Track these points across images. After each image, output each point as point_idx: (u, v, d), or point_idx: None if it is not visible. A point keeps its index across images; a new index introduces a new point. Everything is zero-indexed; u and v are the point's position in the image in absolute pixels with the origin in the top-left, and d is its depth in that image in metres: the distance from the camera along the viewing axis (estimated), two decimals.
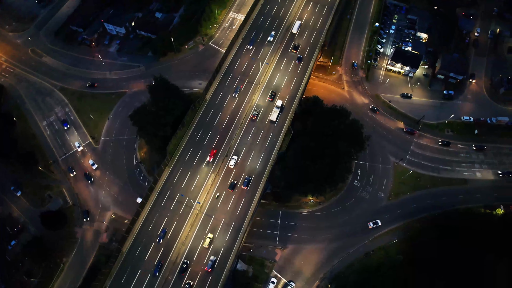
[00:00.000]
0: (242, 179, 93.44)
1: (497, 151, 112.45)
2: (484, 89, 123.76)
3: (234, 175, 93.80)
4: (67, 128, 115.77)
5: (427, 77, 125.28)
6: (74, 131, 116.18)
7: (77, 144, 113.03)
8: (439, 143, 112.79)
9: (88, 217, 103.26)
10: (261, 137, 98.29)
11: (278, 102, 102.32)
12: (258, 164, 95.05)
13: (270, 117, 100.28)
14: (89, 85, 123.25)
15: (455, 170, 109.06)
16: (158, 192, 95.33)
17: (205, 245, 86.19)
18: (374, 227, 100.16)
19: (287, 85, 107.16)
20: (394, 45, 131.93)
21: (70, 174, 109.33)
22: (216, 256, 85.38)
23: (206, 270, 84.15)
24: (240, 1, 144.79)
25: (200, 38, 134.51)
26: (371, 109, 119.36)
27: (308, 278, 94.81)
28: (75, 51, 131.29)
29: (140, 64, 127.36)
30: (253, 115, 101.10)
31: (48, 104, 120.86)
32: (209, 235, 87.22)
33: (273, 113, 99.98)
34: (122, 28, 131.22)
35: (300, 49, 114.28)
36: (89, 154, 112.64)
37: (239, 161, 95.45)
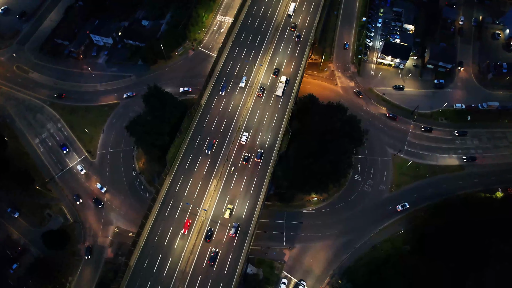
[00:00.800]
0: (255, 153, 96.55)
1: (491, 136, 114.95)
2: (473, 76, 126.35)
3: (247, 150, 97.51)
4: (67, 152, 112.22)
5: (417, 68, 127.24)
6: (74, 154, 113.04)
7: (79, 167, 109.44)
8: (422, 129, 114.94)
9: (90, 255, 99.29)
10: (269, 113, 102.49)
11: (282, 78, 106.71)
12: (269, 137, 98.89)
13: (276, 93, 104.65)
14: (56, 95, 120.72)
15: (452, 157, 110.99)
16: (160, 202, 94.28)
17: (226, 216, 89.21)
18: (402, 209, 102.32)
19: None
20: (383, 38, 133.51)
21: (77, 202, 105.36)
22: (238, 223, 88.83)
23: (231, 236, 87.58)
24: (226, 4, 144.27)
25: (189, 43, 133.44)
26: (355, 92, 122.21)
27: (318, 275, 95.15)
28: (63, 64, 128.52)
29: (131, 74, 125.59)
30: (259, 92, 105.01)
31: (39, 121, 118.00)
32: (228, 205, 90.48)
33: (279, 88, 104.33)
34: (109, 38, 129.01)
35: None
36: (94, 177, 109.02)
37: (250, 136, 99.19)
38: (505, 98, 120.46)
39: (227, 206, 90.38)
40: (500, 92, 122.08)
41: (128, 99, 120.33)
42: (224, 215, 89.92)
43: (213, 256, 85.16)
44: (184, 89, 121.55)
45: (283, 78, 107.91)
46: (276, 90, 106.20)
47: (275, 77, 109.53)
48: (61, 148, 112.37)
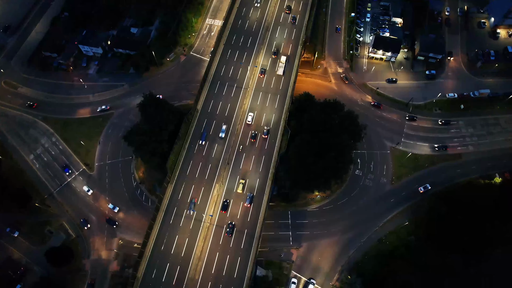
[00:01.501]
0: (261, 130, 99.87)
1: (484, 123, 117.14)
2: (463, 65, 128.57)
3: (254, 128, 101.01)
4: (70, 173, 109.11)
5: (409, 60, 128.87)
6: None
7: (86, 188, 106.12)
8: (406, 117, 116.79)
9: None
10: (272, 93, 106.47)
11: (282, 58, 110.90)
12: (273, 115, 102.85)
13: (277, 72, 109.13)
14: (28, 105, 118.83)
15: (449, 146, 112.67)
16: (164, 211, 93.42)
17: (239, 191, 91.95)
18: (424, 191, 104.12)
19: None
20: (372, 32, 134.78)
21: (84, 227, 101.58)
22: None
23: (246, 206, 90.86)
24: (214, 7, 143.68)
25: (180, 48, 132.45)
26: (342, 78, 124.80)
27: (327, 272, 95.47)
28: (52, 77, 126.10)
29: (123, 83, 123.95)
30: (260, 73, 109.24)
31: (33, 137, 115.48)
32: (241, 180, 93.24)
33: (279, 68, 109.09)
34: (98, 48, 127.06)
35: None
36: (102, 196, 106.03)
37: (256, 116, 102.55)
38: (495, 85, 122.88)
39: (239, 182, 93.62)
40: (490, 80, 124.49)
41: (102, 112, 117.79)
42: (237, 189, 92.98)
43: (230, 229, 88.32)
44: (103, 107, 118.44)
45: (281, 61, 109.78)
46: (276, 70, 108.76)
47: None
48: (63, 170, 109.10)
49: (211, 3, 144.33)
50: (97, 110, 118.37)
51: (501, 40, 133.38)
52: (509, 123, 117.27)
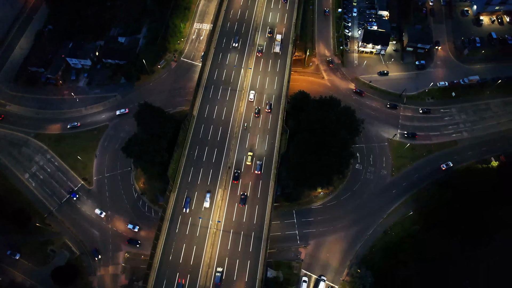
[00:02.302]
0: (264, 105, 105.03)
1: (476, 108, 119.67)
2: (450, 53, 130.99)
3: (256, 104, 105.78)
4: (77, 198, 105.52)
5: (398, 52, 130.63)
6: (70, 184, 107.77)
7: (98, 211, 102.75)
8: (387, 106, 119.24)
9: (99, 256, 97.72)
10: (270, 68, 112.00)
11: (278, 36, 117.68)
12: (274, 89, 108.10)
13: (274, 50, 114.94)
14: None
15: (444, 134, 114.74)
16: (169, 220, 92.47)
17: (248, 162, 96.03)
18: (447, 168, 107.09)
19: None
20: (360, 27, 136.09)
21: (95, 258, 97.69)
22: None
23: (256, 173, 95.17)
24: (201, 11, 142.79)
25: (170, 55, 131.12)
26: (328, 62, 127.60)
27: (336, 268, 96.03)
28: (42, 93, 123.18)
29: (115, 93, 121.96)
30: (258, 51, 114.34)
31: (26, 155, 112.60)
32: (249, 153, 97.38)
33: (276, 46, 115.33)
34: (87, 60, 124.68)
35: None
36: (118, 216, 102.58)
37: (257, 93, 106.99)
38: (483, 71, 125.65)
39: (248, 154, 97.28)
40: (477, 66, 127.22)
41: (72, 130, 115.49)
42: (246, 161, 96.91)
43: (243, 199, 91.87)
44: (121, 111, 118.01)
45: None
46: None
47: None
48: (70, 195, 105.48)
49: (198, 8, 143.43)
50: (68, 127, 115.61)
51: (485, 26, 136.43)
52: (499, 107, 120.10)
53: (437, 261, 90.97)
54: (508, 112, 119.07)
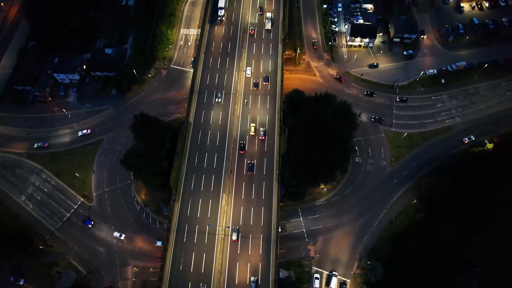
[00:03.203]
0: (261, 78, 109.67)
1: (466, 93, 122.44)
2: (436, 41, 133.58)
3: (254, 78, 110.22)
4: (92, 225, 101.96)
5: (386, 44, 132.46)
6: (69, 202, 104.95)
7: (117, 234, 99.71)
8: (365, 93, 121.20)
9: None
10: (264, 45, 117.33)
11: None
12: (270, 64, 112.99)
13: (265, 27, 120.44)
14: None
15: (438, 121, 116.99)
16: (175, 230, 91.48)
17: (251, 133, 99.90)
18: (469, 141, 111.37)
19: None
20: (346, 21, 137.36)
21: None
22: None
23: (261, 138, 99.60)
24: (187, 17, 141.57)
25: (159, 63, 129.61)
26: (312, 44, 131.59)
27: (346, 262, 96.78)
28: (30, 111, 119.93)
29: (107, 106, 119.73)
30: (250, 30, 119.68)
31: (21, 177, 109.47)
32: (251, 124, 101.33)
33: (267, 23, 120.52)
34: (75, 74, 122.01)
35: None
36: (138, 236, 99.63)
37: (253, 69, 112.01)
38: (469, 56, 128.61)
39: (251, 125, 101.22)
40: (463, 52, 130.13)
41: (39, 150, 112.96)
42: (250, 132, 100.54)
43: (250, 167, 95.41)
44: (83, 132, 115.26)
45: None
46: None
47: None
48: (84, 223, 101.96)
49: (183, 14, 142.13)
50: (34, 147, 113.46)
51: (466, 13, 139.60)
52: (487, 90, 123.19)
53: (444, 247, 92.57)
54: (496, 94, 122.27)
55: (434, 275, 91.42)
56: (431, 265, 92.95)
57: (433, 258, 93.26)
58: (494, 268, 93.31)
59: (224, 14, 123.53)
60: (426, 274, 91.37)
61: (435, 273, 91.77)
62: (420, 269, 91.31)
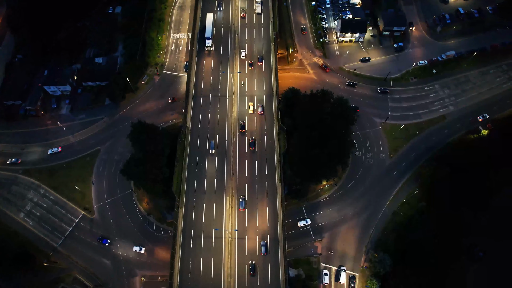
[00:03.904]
0: (256, 59, 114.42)
1: (457, 82, 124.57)
2: (425, 32, 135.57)
3: (248, 59, 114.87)
4: (109, 243, 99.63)
5: (376, 37, 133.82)
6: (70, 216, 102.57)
7: (137, 248, 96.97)
8: (347, 84, 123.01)
9: None
10: (256, 28, 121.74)
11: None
12: (262, 46, 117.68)
13: (256, 11, 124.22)
14: None
15: (432, 110, 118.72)
16: (181, 236, 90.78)
17: (250, 111, 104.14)
18: (483, 119, 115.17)
19: None
20: (335, 17, 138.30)
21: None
22: None
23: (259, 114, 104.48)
24: (176, 21, 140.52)
25: (152, 69, 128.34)
26: (301, 29, 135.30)
27: (354, 256, 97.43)
28: (23, 126, 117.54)
29: (102, 116, 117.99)
30: (242, 13, 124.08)
31: (17, 194, 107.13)
32: (249, 103, 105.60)
33: (257, 7, 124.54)
34: (66, 86, 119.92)
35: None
36: (157, 248, 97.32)
37: (247, 51, 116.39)
38: (458, 45, 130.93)
39: (249, 105, 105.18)
40: (451, 41, 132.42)
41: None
42: (248, 111, 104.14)
43: (252, 143, 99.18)
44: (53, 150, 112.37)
45: None
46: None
47: None
48: (101, 242, 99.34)
49: (172, 18, 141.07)
50: (7, 162, 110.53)
51: (451, 3, 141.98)
52: (477, 78, 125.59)
53: (448, 234, 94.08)
54: (486, 81, 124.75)
55: (439, 262, 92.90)
56: (436, 253, 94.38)
57: (437, 245, 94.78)
58: (497, 251, 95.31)
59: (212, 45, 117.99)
60: (432, 262, 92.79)
61: (441, 260, 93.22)
62: (426, 257, 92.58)
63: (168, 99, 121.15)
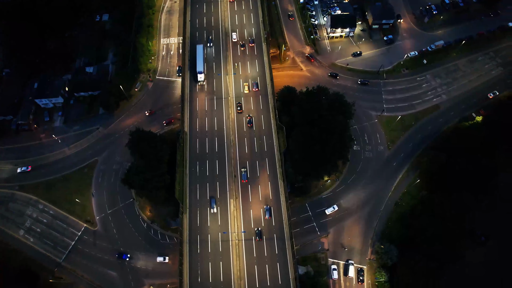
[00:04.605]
0: (247, 41, 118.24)
1: (447, 71, 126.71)
2: (413, 24, 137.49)
3: (239, 41, 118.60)
4: (130, 258, 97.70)
5: (365, 31, 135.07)
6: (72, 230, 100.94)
7: (161, 258, 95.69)
8: (329, 74, 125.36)
9: None
10: (245, 11, 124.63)
11: None
12: (252, 28, 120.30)
13: None
14: None
15: (425, 100, 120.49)
16: (188, 242, 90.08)
17: (246, 91, 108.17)
18: (493, 96, 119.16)
19: None
20: (324, 13, 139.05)
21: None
22: None
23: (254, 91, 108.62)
24: (165, 26, 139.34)
25: (144, 75, 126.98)
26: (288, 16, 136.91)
27: (360, 249, 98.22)
28: (16, 142, 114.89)
29: (97, 126, 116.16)
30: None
31: (15, 211, 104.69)
32: (245, 83, 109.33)
33: None
34: (58, 98, 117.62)
35: None
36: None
37: (238, 34, 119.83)
38: (446, 35, 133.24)
39: (244, 85, 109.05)
40: (439, 31, 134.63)
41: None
42: (244, 90, 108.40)
43: (250, 120, 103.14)
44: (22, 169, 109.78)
45: None
46: None
47: None
48: (121, 258, 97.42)
49: (160, 23, 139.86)
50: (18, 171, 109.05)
51: None
52: (466, 66, 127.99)
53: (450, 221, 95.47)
54: (475, 69, 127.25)
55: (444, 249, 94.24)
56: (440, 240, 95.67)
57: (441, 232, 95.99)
58: (499, 234, 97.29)
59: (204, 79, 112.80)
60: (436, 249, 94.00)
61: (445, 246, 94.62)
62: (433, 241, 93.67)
63: (145, 112, 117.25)
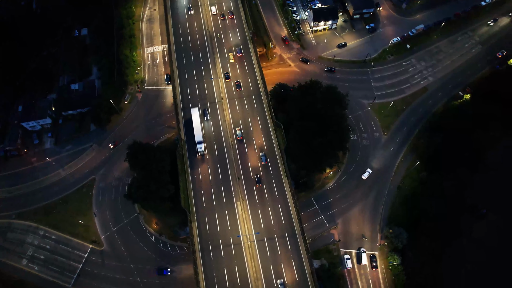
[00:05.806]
0: (226, 13, 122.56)
1: (430, 53, 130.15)
2: (392, 11, 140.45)
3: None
4: (170, 272, 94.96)
5: (347, 22, 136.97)
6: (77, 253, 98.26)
7: None
8: (300, 60, 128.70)
9: None
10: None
11: None
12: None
13: None
14: None
15: (413, 84, 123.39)
16: (200, 250, 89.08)
17: (231, 60, 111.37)
18: (502, 55, 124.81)
19: None
20: (305, 8, 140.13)
21: None
22: None
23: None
24: (147, 35, 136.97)
25: (132, 87, 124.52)
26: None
27: (370, 236, 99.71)
28: (6, 169, 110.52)
29: (90, 143, 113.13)
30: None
31: (15, 240, 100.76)
32: (230, 54, 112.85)
33: None
34: (46, 119, 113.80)
35: None
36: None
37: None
38: (425, 18, 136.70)
39: (229, 55, 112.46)
40: (418, 16, 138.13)
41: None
42: (230, 60, 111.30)
43: (238, 85, 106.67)
44: None
45: None
46: None
47: None
48: (161, 273, 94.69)
49: (142, 32, 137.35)
50: None
51: None
52: (448, 47, 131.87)
53: (451, 198, 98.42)
54: (456, 49, 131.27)
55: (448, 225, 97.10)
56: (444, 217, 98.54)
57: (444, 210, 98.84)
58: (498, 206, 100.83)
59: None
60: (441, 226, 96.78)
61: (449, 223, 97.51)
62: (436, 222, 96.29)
63: (109, 144, 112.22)
